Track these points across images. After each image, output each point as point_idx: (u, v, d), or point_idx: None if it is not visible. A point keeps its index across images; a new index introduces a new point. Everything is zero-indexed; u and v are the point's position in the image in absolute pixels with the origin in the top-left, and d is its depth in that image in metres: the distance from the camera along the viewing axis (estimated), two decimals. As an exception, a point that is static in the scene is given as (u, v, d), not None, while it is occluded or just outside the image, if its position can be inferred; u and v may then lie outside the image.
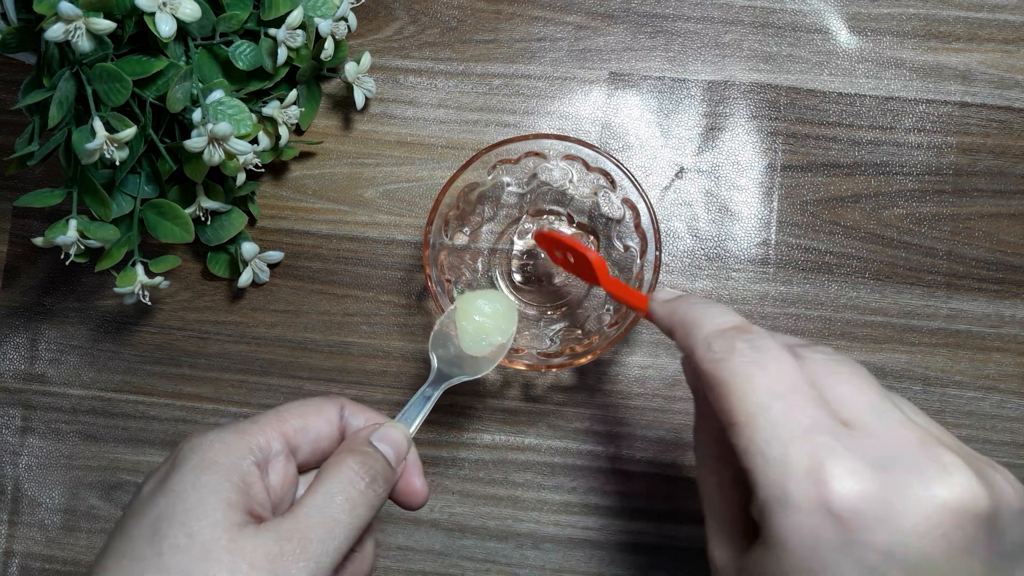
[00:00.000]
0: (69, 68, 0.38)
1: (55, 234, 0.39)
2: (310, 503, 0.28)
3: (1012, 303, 0.45)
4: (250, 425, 0.30)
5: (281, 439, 0.30)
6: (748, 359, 0.26)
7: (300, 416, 0.31)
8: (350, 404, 0.33)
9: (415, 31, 0.48)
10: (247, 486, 0.28)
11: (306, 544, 0.27)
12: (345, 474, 0.29)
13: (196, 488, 0.27)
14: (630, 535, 0.45)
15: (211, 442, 0.29)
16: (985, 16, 0.46)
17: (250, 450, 0.29)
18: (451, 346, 0.37)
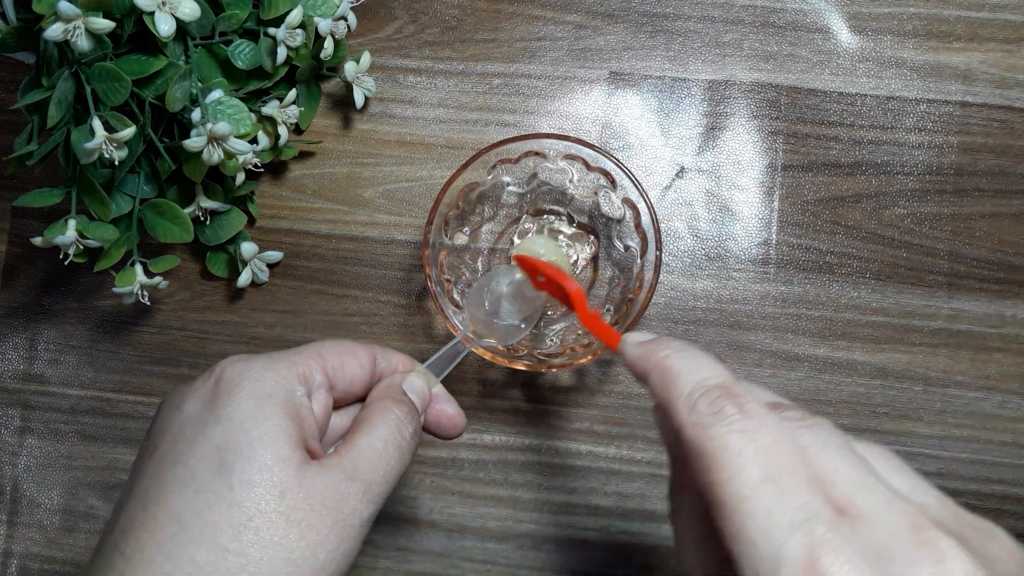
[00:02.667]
0: (68, 68, 0.38)
1: (54, 234, 0.39)
2: (367, 445, 0.28)
3: (1013, 303, 0.45)
4: (295, 355, 0.30)
5: (322, 373, 0.30)
6: (737, 428, 0.23)
7: (338, 355, 0.31)
8: (382, 350, 0.33)
9: (415, 30, 0.47)
10: (301, 419, 0.28)
11: (370, 485, 0.27)
12: (393, 421, 0.30)
13: (259, 419, 0.27)
14: (630, 536, 0.45)
15: (262, 370, 0.28)
16: (986, 16, 0.46)
17: (300, 380, 0.29)
18: (484, 310, 0.38)
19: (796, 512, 0.21)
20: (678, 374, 0.25)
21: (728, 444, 0.23)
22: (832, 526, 0.21)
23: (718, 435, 0.23)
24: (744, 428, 0.23)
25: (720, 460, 0.23)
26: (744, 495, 0.22)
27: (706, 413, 0.24)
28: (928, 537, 0.21)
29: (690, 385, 0.25)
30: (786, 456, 0.23)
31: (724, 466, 0.23)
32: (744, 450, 0.23)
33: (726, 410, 0.23)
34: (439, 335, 0.46)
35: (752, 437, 0.23)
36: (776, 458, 0.22)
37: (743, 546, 0.22)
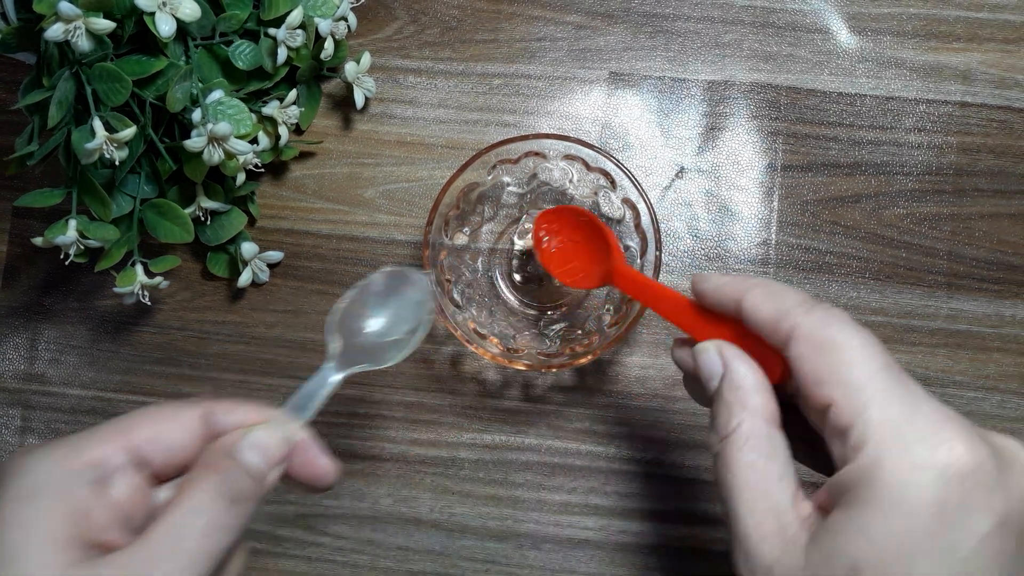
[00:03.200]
0: (69, 68, 0.38)
1: (55, 234, 0.39)
2: (160, 532, 0.25)
3: (1012, 303, 0.45)
4: (86, 439, 0.26)
5: (123, 452, 0.26)
6: (858, 328, 0.26)
7: (150, 425, 0.28)
8: (222, 403, 0.29)
9: (415, 31, 0.48)
10: (82, 514, 0.25)
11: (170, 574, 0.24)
12: (199, 497, 0.26)
13: (21, 524, 0.24)
14: (630, 535, 0.45)
15: (38, 461, 0.25)
16: (985, 16, 0.46)
17: (85, 469, 0.25)
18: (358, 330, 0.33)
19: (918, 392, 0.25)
20: (785, 290, 0.28)
21: (850, 334, 0.26)
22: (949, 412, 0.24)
23: (841, 328, 0.26)
24: (861, 329, 0.26)
25: (844, 344, 0.26)
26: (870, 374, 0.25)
27: (822, 314, 0.27)
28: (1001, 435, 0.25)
29: (800, 295, 0.28)
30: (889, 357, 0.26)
31: (848, 349, 0.26)
32: (866, 343, 0.26)
33: (840, 314, 0.27)
34: (439, 335, 0.46)
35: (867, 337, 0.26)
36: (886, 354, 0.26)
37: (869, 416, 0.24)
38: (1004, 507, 0.23)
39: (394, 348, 0.33)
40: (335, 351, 0.32)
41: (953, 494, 0.23)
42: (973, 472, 0.23)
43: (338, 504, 0.46)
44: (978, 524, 0.22)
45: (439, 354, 0.46)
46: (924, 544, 0.23)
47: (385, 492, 0.46)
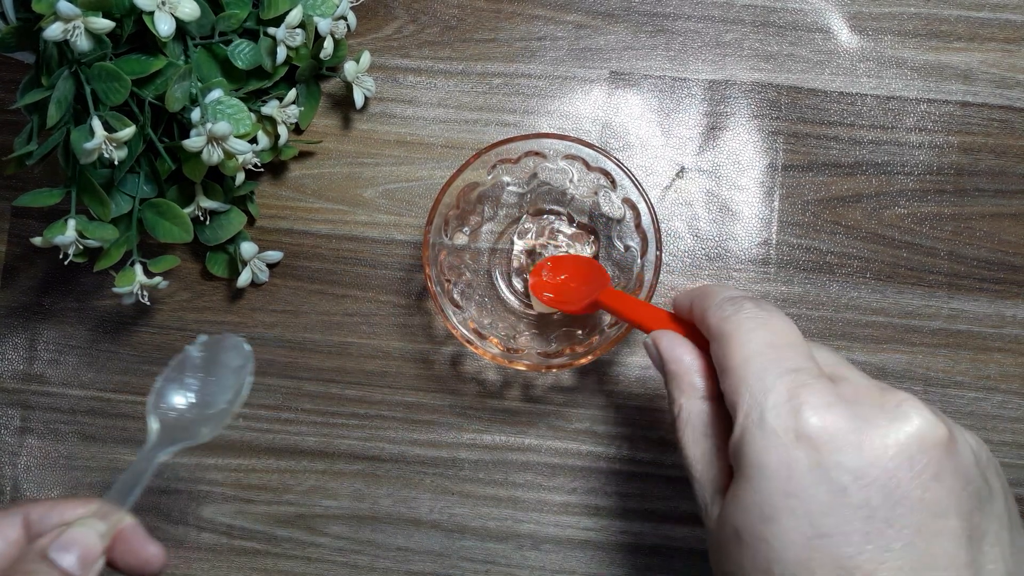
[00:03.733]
0: (68, 67, 0.38)
1: (54, 234, 0.39)
2: None
3: (1013, 303, 0.45)
4: None
5: None
6: (752, 315, 0.28)
7: None
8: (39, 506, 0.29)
9: (415, 30, 0.47)
10: None
11: None
12: None
13: None
14: (630, 536, 0.45)
15: None
16: (986, 15, 0.46)
17: None
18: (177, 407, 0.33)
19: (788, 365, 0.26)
20: (713, 292, 0.30)
21: (743, 325, 0.28)
22: (816, 377, 0.26)
23: (736, 320, 0.28)
24: (757, 315, 0.28)
25: (735, 335, 0.27)
26: (748, 355, 0.26)
27: (729, 308, 0.29)
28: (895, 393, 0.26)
29: (722, 296, 0.30)
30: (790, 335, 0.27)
31: (737, 338, 0.27)
32: (755, 327, 0.27)
33: (745, 305, 0.29)
34: (439, 335, 0.46)
35: (763, 321, 0.28)
36: (781, 335, 0.27)
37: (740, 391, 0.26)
38: (856, 463, 0.23)
39: (216, 419, 0.33)
40: (153, 433, 0.32)
41: (801, 456, 0.24)
42: (820, 433, 0.24)
43: (338, 504, 0.46)
44: (828, 482, 0.23)
45: (439, 354, 0.46)
46: (780, 505, 0.24)
47: (385, 492, 0.46)
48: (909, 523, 0.23)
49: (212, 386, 0.33)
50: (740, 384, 0.26)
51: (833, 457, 0.24)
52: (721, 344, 0.28)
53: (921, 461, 0.23)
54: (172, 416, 0.32)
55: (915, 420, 0.24)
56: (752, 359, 0.26)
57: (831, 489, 0.23)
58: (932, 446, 0.24)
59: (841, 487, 0.23)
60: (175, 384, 0.33)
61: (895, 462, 0.23)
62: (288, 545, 0.46)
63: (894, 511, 0.23)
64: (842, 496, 0.23)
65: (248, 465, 0.46)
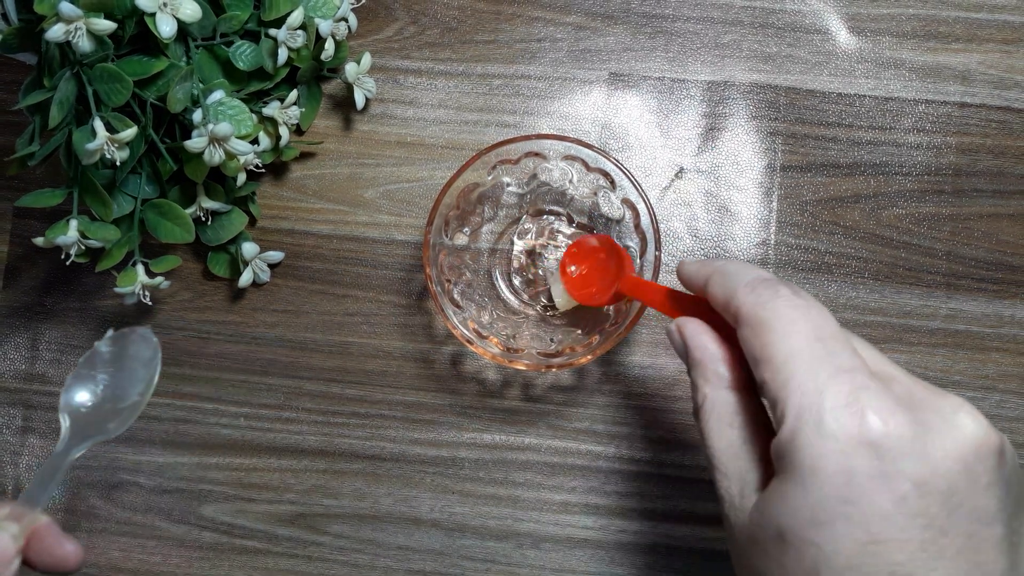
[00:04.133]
0: (70, 68, 0.38)
1: (56, 234, 0.39)
2: None
3: (1011, 303, 0.45)
4: None
5: None
6: (792, 303, 0.26)
7: None
8: None
9: (415, 32, 0.48)
10: None
11: None
12: None
13: None
14: (630, 535, 0.45)
15: None
16: (984, 16, 0.46)
17: None
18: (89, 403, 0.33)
19: (841, 363, 0.25)
20: (738, 271, 0.29)
21: (783, 313, 0.26)
22: (872, 378, 0.25)
23: (775, 307, 0.26)
24: (797, 304, 0.26)
25: (776, 323, 0.26)
26: (796, 348, 0.25)
27: (765, 292, 0.27)
28: (947, 395, 0.25)
29: (751, 276, 0.28)
30: (833, 326, 0.26)
31: (779, 328, 0.26)
32: (798, 318, 0.26)
33: (782, 291, 0.27)
34: (439, 335, 0.46)
35: (805, 311, 0.26)
36: (825, 326, 0.26)
37: (789, 389, 0.25)
38: (919, 472, 0.23)
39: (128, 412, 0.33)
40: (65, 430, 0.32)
41: (862, 463, 0.23)
42: (883, 440, 0.23)
43: (338, 504, 0.46)
44: (889, 490, 0.23)
45: (439, 354, 0.46)
46: (835, 511, 0.23)
47: (385, 492, 0.46)
48: (963, 532, 0.23)
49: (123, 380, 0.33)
50: (788, 380, 0.25)
51: (896, 465, 0.23)
52: (758, 333, 0.26)
53: (978, 470, 0.23)
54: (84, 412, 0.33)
55: (972, 426, 0.24)
56: (799, 354, 0.25)
57: (892, 498, 0.23)
58: (988, 454, 0.24)
59: (902, 496, 0.23)
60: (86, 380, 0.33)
61: (954, 472, 0.23)
62: (289, 544, 0.46)
63: (950, 520, 0.23)
64: (902, 505, 0.23)
65: (249, 464, 0.46)
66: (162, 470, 0.47)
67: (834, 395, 0.24)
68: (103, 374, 0.34)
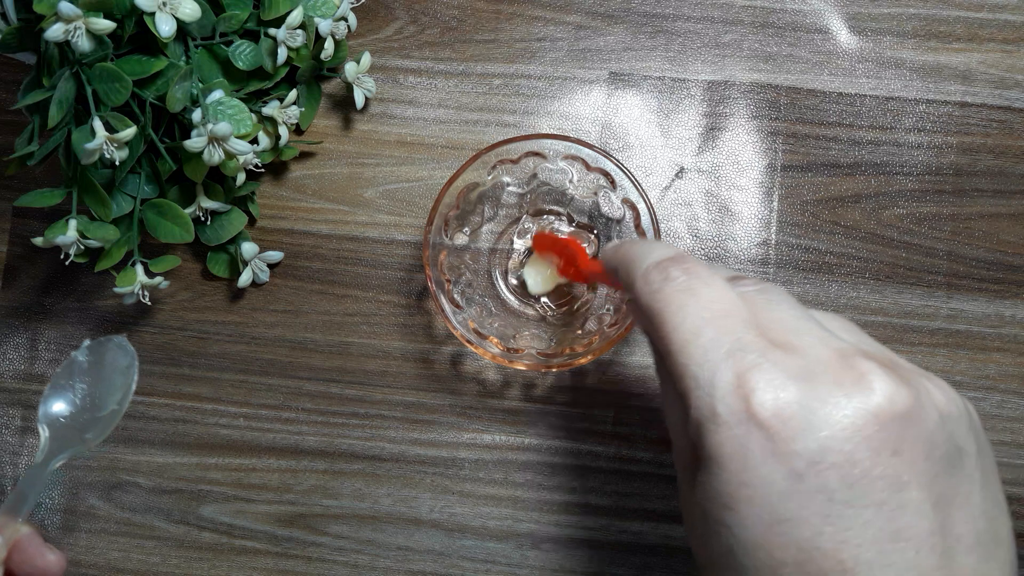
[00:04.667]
0: (69, 68, 0.38)
1: (55, 234, 0.39)
2: None
3: (1012, 303, 0.45)
4: None
5: None
6: (681, 287, 0.26)
7: None
8: None
9: (415, 31, 0.48)
10: None
11: None
12: None
13: None
14: (630, 535, 0.45)
15: None
16: (985, 16, 0.46)
17: None
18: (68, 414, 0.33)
19: (731, 344, 0.24)
20: (637, 256, 0.28)
21: (673, 300, 0.25)
22: (763, 353, 0.24)
23: (665, 295, 0.26)
24: (688, 286, 0.26)
25: (667, 314, 0.25)
26: (686, 338, 0.25)
27: (656, 280, 0.26)
28: (853, 362, 0.24)
29: (646, 262, 0.27)
30: (726, 303, 0.25)
31: (670, 317, 0.25)
32: (687, 303, 0.25)
33: (672, 274, 0.26)
34: (439, 335, 0.46)
35: (695, 293, 0.25)
36: (716, 304, 0.25)
37: (686, 380, 0.24)
38: (811, 447, 0.22)
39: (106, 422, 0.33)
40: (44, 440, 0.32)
41: (755, 444, 0.23)
42: (772, 419, 0.23)
43: (338, 504, 0.46)
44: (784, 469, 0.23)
45: (439, 354, 0.46)
46: (738, 495, 0.23)
47: (385, 492, 0.46)
48: (869, 501, 0.22)
49: (100, 389, 0.33)
50: (684, 372, 0.25)
51: (787, 444, 0.23)
52: (654, 324, 0.26)
53: (879, 438, 0.23)
54: (62, 423, 0.32)
55: (875, 395, 0.23)
56: (690, 343, 0.25)
57: (787, 476, 0.23)
58: (891, 420, 0.23)
59: (797, 474, 0.23)
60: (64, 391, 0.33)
61: (852, 443, 0.22)
62: (288, 545, 0.46)
63: (852, 491, 0.22)
64: (798, 482, 0.23)
65: (249, 464, 0.46)
66: (161, 470, 0.47)
67: (723, 380, 0.24)
68: (81, 384, 0.34)
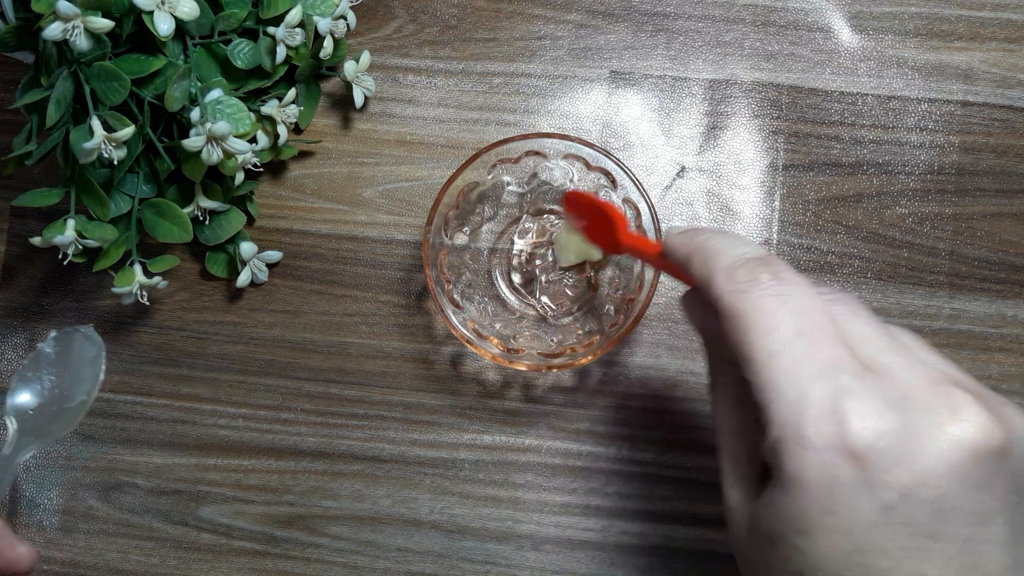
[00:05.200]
0: (67, 67, 0.38)
1: (53, 234, 0.39)
2: None
3: (1015, 303, 0.45)
4: None
5: None
6: (772, 292, 0.25)
7: None
8: None
9: (414, 30, 0.47)
10: None
11: None
12: None
13: None
14: (630, 536, 0.45)
15: None
16: (987, 15, 0.46)
17: None
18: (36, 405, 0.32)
19: (824, 362, 0.23)
20: (718, 251, 0.26)
21: (762, 305, 0.24)
22: (857, 376, 0.23)
23: (753, 298, 0.24)
24: (779, 292, 0.24)
25: (754, 318, 0.24)
26: (775, 349, 0.23)
27: (743, 280, 0.25)
28: (946, 391, 0.23)
29: (730, 259, 0.26)
30: (818, 316, 0.24)
31: (757, 323, 0.24)
32: (778, 310, 0.24)
33: (761, 277, 0.25)
34: (439, 335, 0.46)
35: (786, 300, 0.24)
36: (808, 316, 0.24)
37: (771, 394, 0.23)
38: (905, 480, 0.22)
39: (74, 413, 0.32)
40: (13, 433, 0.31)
41: (845, 473, 0.22)
42: (866, 449, 0.22)
43: (337, 505, 0.46)
44: (873, 500, 0.22)
45: (439, 354, 0.46)
46: (818, 521, 0.23)
47: (384, 493, 0.46)
48: (955, 536, 0.22)
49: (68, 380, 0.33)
50: (768, 384, 0.23)
51: (880, 476, 0.22)
52: (737, 328, 0.24)
53: (974, 474, 0.22)
54: (31, 415, 0.32)
55: (969, 427, 0.22)
56: (779, 354, 0.23)
57: (876, 508, 0.22)
58: (986, 457, 0.22)
59: (887, 506, 0.22)
60: (31, 383, 0.33)
61: (946, 479, 0.22)
62: (287, 546, 0.46)
63: (940, 526, 0.22)
64: (887, 514, 0.22)
65: (247, 465, 0.46)
66: (160, 471, 0.46)
67: (815, 402, 0.23)
68: (48, 375, 0.33)
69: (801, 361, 0.23)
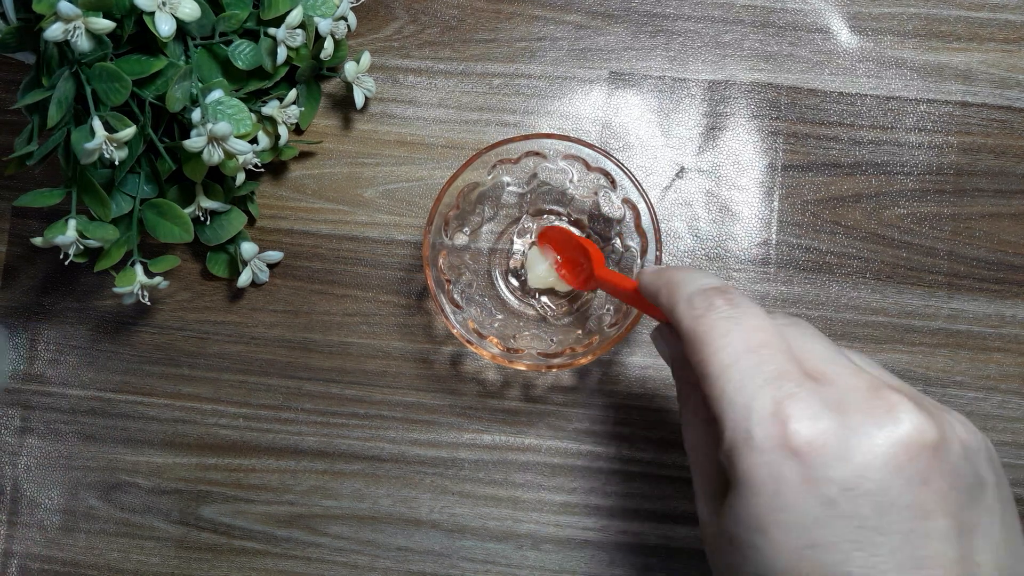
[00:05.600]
0: (68, 68, 0.38)
1: (54, 234, 0.39)
2: None
3: (1013, 303, 0.45)
4: None
5: None
6: (725, 315, 0.27)
7: None
8: None
9: (415, 30, 0.48)
10: None
11: None
12: None
13: None
14: (630, 536, 0.45)
15: None
16: (986, 16, 0.46)
17: None
18: None
19: (770, 372, 0.25)
20: (682, 282, 0.29)
21: (717, 326, 0.27)
22: (799, 383, 0.25)
23: (709, 320, 0.27)
24: (731, 315, 0.27)
25: (710, 337, 0.27)
26: (727, 363, 0.26)
27: (701, 306, 0.28)
28: (883, 393, 0.25)
29: (691, 289, 0.29)
30: (766, 334, 0.26)
31: (712, 342, 0.27)
32: (731, 330, 0.27)
33: (717, 303, 0.28)
34: (439, 335, 0.46)
35: (738, 321, 0.27)
36: (757, 335, 0.26)
37: (724, 403, 0.26)
38: (845, 475, 0.23)
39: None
40: None
41: (790, 471, 0.24)
42: (806, 447, 0.24)
43: (337, 504, 0.46)
44: (817, 496, 0.24)
45: (439, 354, 0.46)
46: (770, 519, 0.24)
47: (384, 492, 0.46)
48: (898, 529, 0.23)
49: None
50: (722, 396, 0.26)
51: (821, 471, 0.24)
52: (695, 349, 0.27)
53: (910, 468, 0.24)
54: None
55: (904, 425, 0.24)
56: (730, 367, 0.26)
57: (820, 502, 0.24)
58: (920, 451, 0.24)
59: (830, 500, 0.24)
60: None
61: (883, 472, 0.24)
62: (288, 545, 0.46)
63: (883, 519, 0.23)
64: (831, 508, 0.24)
65: (248, 465, 0.46)
66: (161, 471, 0.47)
67: (760, 406, 0.25)
68: None
69: (749, 372, 0.25)
